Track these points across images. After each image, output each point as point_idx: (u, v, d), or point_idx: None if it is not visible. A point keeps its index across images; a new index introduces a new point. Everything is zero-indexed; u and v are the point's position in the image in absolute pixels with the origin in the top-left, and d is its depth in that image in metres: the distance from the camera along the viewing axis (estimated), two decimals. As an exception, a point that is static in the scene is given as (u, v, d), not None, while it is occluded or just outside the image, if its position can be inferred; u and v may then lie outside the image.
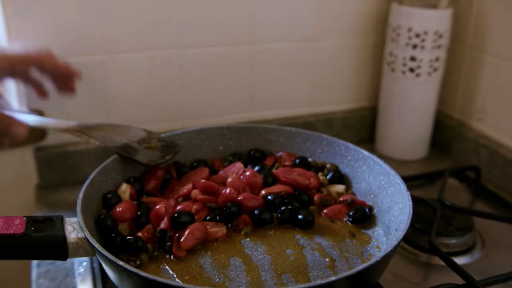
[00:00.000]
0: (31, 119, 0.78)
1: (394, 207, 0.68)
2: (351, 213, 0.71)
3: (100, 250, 0.54)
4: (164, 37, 0.91)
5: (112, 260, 0.53)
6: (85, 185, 0.65)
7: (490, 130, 0.99)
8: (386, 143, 1.06)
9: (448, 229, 0.78)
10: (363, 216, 0.71)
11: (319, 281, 0.51)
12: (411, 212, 0.62)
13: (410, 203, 0.64)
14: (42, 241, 0.56)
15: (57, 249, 0.57)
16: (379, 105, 1.06)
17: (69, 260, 0.73)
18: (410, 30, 0.96)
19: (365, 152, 0.76)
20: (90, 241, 0.55)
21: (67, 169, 0.91)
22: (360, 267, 0.52)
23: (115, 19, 0.87)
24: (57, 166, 0.90)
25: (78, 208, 0.60)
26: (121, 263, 0.52)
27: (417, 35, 0.95)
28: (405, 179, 0.90)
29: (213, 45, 0.95)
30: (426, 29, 0.95)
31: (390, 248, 0.56)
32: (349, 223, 0.71)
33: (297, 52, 1.01)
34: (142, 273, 0.50)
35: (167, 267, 0.62)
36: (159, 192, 0.75)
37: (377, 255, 0.55)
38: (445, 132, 1.07)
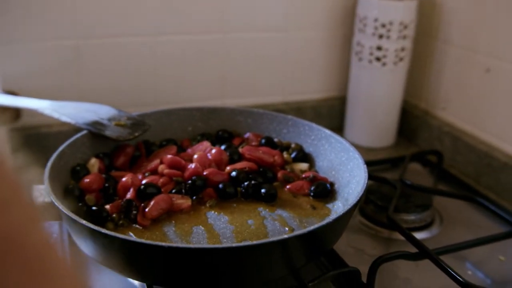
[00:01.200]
0: (4, 100, 0.81)
1: (353, 180, 0.71)
2: (312, 188, 0.74)
3: (65, 211, 0.56)
4: (137, 24, 0.94)
5: (75, 220, 0.55)
6: (53, 156, 0.67)
7: (453, 118, 1.03)
8: (355, 131, 1.10)
9: (407, 206, 0.81)
10: (324, 191, 0.74)
11: (272, 239, 0.53)
12: (366, 182, 0.65)
13: (366, 174, 0.67)
14: (8, 204, 0.58)
15: (23, 212, 0.59)
16: (348, 94, 1.10)
17: (39, 233, 0.75)
18: (376, 20, 0.99)
19: (327, 131, 0.79)
20: (55, 203, 0.57)
21: (40, 151, 0.92)
22: (311, 228, 0.55)
23: (89, 5, 0.89)
24: (31, 148, 0.92)
25: (46, 175, 0.63)
26: (83, 221, 0.54)
27: (383, 25, 0.99)
28: (371, 164, 0.94)
29: (186, 33, 0.97)
30: (391, 19, 0.98)
31: (342, 212, 0.59)
32: (311, 198, 0.74)
33: (268, 42, 1.04)
34: (103, 230, 0.53)
35: (131, 234, 0.64)
36: (128, 168, 0.77)
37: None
38: (412, 121, 1.11)
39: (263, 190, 0.72)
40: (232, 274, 0.56)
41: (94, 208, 0.65)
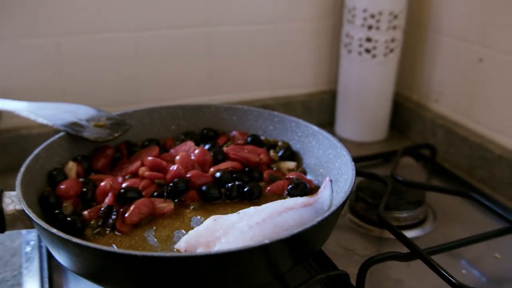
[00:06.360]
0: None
1: (341, 178, 0.68)
2: (289, 187, 0.70)
3: (35, 220, 0.53)
4: (118, 19, 0.91)
5: (46, 229, 0.52)
6: (28, 160, 0.65)
7: (446, 110, 1.00)
8: (346, 125, 1.07)
9: (399, 203, 0.78)
10: (303, 191, 0.70)
11: (254, 244, 0.51)
12: (353, 180, 0.63)
13: (354, 172, 0.64)
14: (-23, 212, 0.55)
15: (-6, 221, 0.56)
16: (338, 87, 1.07)
17: (17, 240, 0.73)
18: (365, 11, 0.96)
19: (315, 128, 0.76)
20: (26, 211, 0.55)
21: (22, 153, 0.89)
22: (295, 231, 0.52)
23: (69, 1, 0.86)
24: (12, 151, 0.89)
25: (18, 181, 0.60)
26: (54, 230, 0.51)
27: (372, 16, 0.96)
28: (362, 159, 0.92)
29: (170, 28, 0.94)
30: (380, 9, 0.95)
31: (328, 214, 0.56)
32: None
33: (255, 35, 1.01)
34: (74, 239, 0.50)
35: (110, 241, 0.61)
36: (108, 170, 0.74)
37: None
38: (404, 114, 1.08)
39: (246, 189, 0.69)
40: (213, 281, 0.53)
41: (68, 218, 0.62)
